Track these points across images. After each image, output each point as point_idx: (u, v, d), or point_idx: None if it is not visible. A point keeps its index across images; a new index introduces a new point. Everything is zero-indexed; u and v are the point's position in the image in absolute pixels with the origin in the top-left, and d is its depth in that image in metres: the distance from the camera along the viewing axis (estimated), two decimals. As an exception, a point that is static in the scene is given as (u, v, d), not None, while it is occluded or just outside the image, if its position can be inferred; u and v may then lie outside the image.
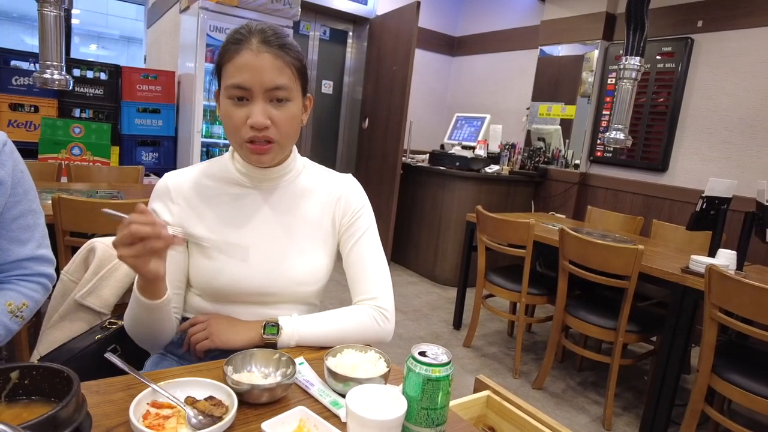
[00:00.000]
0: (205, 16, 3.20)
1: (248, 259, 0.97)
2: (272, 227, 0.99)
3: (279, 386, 0.76)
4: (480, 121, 4.20)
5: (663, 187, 3.54)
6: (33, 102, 3.32)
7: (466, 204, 3.89)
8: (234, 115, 0.90)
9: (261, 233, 0.99)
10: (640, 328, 2.27)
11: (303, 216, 1.02)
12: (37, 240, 1.03)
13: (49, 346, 1.08)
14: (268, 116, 0.89)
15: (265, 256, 0.98)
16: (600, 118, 3.91)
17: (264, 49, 0.87)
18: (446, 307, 3.58)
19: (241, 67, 0.87)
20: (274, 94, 0.89)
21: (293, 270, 0.99)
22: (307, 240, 1.01)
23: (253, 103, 0.89)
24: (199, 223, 0.98)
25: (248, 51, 0.87)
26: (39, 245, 1.04)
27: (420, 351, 0.74)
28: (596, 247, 2.21)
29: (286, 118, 0.91)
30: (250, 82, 0.87)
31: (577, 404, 2.44)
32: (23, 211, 1.00)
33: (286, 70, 0.90)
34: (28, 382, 0.60)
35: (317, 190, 1.05)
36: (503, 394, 0.95)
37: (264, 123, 0.88)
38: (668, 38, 3.47)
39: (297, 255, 1.00)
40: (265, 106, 0.89)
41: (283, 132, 0.91)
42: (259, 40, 0.88)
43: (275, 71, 0.88)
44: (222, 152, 3.61)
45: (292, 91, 0.91)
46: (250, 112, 0.88)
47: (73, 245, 1.74)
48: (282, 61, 0.89)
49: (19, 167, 0.99)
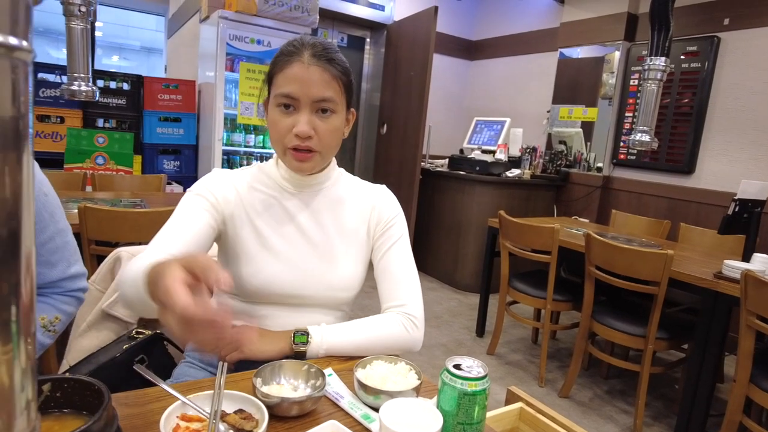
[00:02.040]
0: (224, 25, 3.23)
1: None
2: (312, 232, 1.01)
3: (309, 399, 0.74)
4: (500, 124, 4.15)
5: (689, 190, 3.46)
6: (59, 113, 3.39)
7: (487, 209, 3.85)
8: (280, 123, 0.93)
9: (301, 237, 1.00)
10: (670, 335, 2.20)
11: (341, 223, 1.04)
12: (67, 259, 1.02)
13: (77, 356, 1.09)
14: (313, 126, 0.92)
15: (303, 260, 0.99)
16: (623, 121, 3.84)
17: (313, 62, 0.91)
18: (467, 313, 3.54)
19: (291, 78, 0.91)
20: (319, 105, 0.92)
21: (329, 275, 1.00)
22: (343, 247, 1.03)
23: (300, 113, 0.92)
24: (258, 219, 0.99)
25: (299, 63, 0.91)
26: (69, 264, 1.02)
27: (455, 364, 0.72)
28: (624, 252, 2.15)
29: (329, 129, 0.95)
30: (299, 92, 0.91)
31: (605, 413, 2.37)
32: (51, 234, 0.98)
33: (333, 83, 0.93)
34: (60, 394, 0.59)
35: (354, 198, 1.07)
36: (536, 406, 0.92)
37: (308, 132, 0.92)
38: (693, 37, 3.39)
39: (334, 261, 1.01)
40: (310, 116, 0.92)
41: (325, 142, 0.95)
42: (310, 54, 0.92)
43: (322, 84, 0.92)
44: (242, 160, 3.64)
45: (337, 104, 0.95)
46: (296, 121, 0.92)
47: (99, 254, 1.76)
48: (330, 74, 0.92)
49: (42, 190, 0.97)
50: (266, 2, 3.28)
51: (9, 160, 0.29)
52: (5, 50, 0.28)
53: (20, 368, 0.32)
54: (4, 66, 0.28)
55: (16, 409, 0.32)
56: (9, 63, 0.29)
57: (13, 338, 0.31)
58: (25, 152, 0.31)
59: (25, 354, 0.32)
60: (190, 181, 3.76)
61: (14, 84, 0.29)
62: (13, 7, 0.28)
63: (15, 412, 0.32)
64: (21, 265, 0.31)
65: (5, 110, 0.29)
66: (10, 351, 0.31)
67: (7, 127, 0.29)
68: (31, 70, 0.32)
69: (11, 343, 0.31)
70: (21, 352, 0.32)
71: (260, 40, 3.37)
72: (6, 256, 0.30)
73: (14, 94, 0.29)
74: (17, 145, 0.30)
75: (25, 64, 0.30)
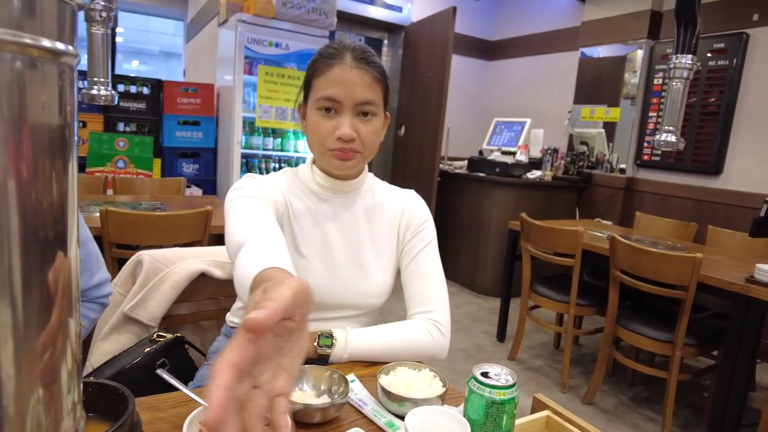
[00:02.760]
0: (242, 28, 3.25)
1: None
2: (345, 239, 1.01)
3: (332, 406, 0.73)
4: (520, 125, 4.10)
5: (717, 191, 3.36)
6: (81, 118, 3.45)
7: (507, 211, 3.80)
8: (321, 126, 0.93)
9: (334, 244, 1.00)
10: (698, 342, 2.13)
11: (374, 230, 1.04)
12: (89, 269, 1.03)
13: (100, 358, 1.09)
14: (355, 129, 0.92)
15: (336, 268, 0.99)
16: (646, 121, 3.76)
17: (356, 65, 0.91)
18: (488, 318, 3.49)
19: (334, 81, 0.91)
20: (361, 108, 0.93)
21: (361, 283, 1.00)
22: (376, 253, 1.03)
23: (342, 116, 0.92)
24: (295, 224, 0.98)
25: (341, 66, 0.91)
26: (92, 273, 1.03)
27: (482, 372, 0.69)
28: (650, 256, 2.09)
29: (371, 131, 0.95)
30: (342, 95, 0.91)
31: (631, 421, 2.31)
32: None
33: (375, 86, 0.93)
34: (85, 398, 0.59)
35: (385, 204, 1.06)
36: (564, 415, 0.89)
37: (351, 135, 0.92)
38: (721, 34, 3.30)
39: (366, 268, 1.01)
40: (352, 119, 0.92)
41: (367, 144, 0.95)
42: (351, 56, 0.92)
43: (365, 87, 0.92)
44: (261, 162, 3.65)
45: (378, 107, 0.95)
46: (338, 124, 0.92)
47: (120, 257, 1.77)
48: (371, 76, 0.93)
49: None
50: (284, 5, 3.29)
51: (56, 167, 0.30)
52: (53, 56, 0.28)
53: (67, 370, 0.32)
54: (52, 71, 0.29)
55: (63, 409, 0.32)
56: (57, 68, 0.29)
57: (59, 340, 0.31)
58: (70, 160, 0.32)
59: (71, 356, 0.33)
60: (209, 184, 3.79)
61: (61, 91, 0.30)
62: (60, 13, 0.29)
63: (63, 413, 0.32)
64: (70, 265, 0.32)
65: (53, 118, 0.29)
66: (58, 353, 0.30)
67: (55, 136, 0.30)
68: (76, 77, 0.32)
69: (58, 345, 0.31)
70: (68, 355, 0.32)
71: (278, 43, 3.38)
72: (53, 258, 0.30)
73: (61, 102, 0.30)
74: (63, 153, 0.30)
75: (71, 69, 0.31)
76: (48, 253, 0.30)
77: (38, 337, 0.29)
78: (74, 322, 0.33)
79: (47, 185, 0.29)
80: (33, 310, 0.28)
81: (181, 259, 1.23)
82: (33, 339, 0.29)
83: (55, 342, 0.30)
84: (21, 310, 0.28)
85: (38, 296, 0.29)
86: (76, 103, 0.32)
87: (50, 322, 0.30)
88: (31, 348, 0.29)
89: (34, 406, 0.29)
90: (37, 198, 0.28)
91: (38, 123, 0.28)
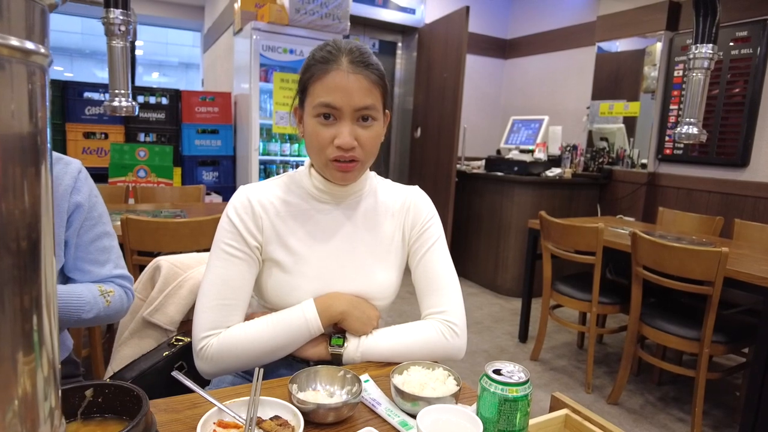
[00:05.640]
0: (257, 36, 3.29)
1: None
2: (348, 244, 0.99)
3: (345, 405, 0.73)
4: (538, 123, 4.05)
5: (744, 184, 3.26)
6: (103, 129, 3.54)
7: (527, 210, 3.75)
8: (320, 135, 0.90)
9: (336, 250, 0.98)
10: (728, 339, 2.07)
11: (379, 231, 1.02)
12: (114, 261, 1.11)
13: (121, 363, 1.11)
14: (355, 136, 0.90)
15: (339, 275, 0.98)
16: (667, 114, 3.68)
17: (353, 69, 0.88)
18: (509, 318, 3.45)
19: (331, 87, 0.87)
20: (361, 113, 0.90)
21: (366, 286, 0.98)
22: (380, 255, 1.01)
23: (341, 123, 0.89)
24: (292, 237, 0.97)
25: (338, 71, 0.87)
26: (116, 265, 1.11)
27: (494, 369, 0.69)
28: (674, 251, 2.04)
29: (371, 137, 0.92)
30: (340, 102, 0.88)
31: (659, 421, 2.25)
32: (99, 233, 1.08)
33: (374, 90, 0.90)
34: (102, 399, 0.62)
35: (388, 203, 1.04)
36: (583, 413, 0.87)
37: (351, 144, 0.89)
38: (743, 22, 3.21)
39: (370, 271, 0.99)
40: (352, 126, 0.89)
41: (367, 151, 0.92)
42: (348, 61, 0.88)
43: (364, 92, 0.89)
44: (279, 168, 3.69)
45: (378, 111, 0.92)
46: (338, 132, 0.89)
47: (141, 264, 1.80)
48: (369, 81, 0.89)
49: (93, 192, 1.08)
50: (298, 12, 3.33)
51: (28, 174, 0.29)
52: (22, 55, 0.27)
53: (42, 377, 0.32)
54: (21, 72, 0.28)
55: (40, 416, 0.32)
56: (26, 69, 0.28)
57: (35, 348, 0.31)
58: (43, 166, 0.31)
59: (47, 363, 0.32)
60: (228, 191, 3.84)
61: (31, 96, 0.28)
62: (28, 12, 0.28)
63: (39, 420, 0.31)
64: (41, 276, 0.31)
65: (23, 125, 0.28)
66: (32, 361, 0.30)
67: (26, 143, 0.29)
68: (48, 80, 0.31)
69: (33, 353, 0.31)
70: (43, 362, 0.32)
71: (293, 50, 3.42)
72: (27, 268, 0.30)
73: (31, 107, 0.29)
74: (35, 160, 0.30)
75: (42, 70, 0.29)
76: (21, 261, 0.29)
77: (11, 344, 0.28)
78: (51, 328, 0.32)
79: (18, 195, 0.28)
80: (7, 319, 0.28)
81: (199, 263, 1.24)
82: (5, 346, 0.28)
83: (30, 350, 0.30)
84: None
85: (11, 304, 0.28)
86: (48, 106, 0.31)
87: (25, 329, 0.29)
88: (4, 355, 0.28)
89: (8, 415, 0.29)
90: (8, 209, 0.27)
91: (7, 132, 0.27)
